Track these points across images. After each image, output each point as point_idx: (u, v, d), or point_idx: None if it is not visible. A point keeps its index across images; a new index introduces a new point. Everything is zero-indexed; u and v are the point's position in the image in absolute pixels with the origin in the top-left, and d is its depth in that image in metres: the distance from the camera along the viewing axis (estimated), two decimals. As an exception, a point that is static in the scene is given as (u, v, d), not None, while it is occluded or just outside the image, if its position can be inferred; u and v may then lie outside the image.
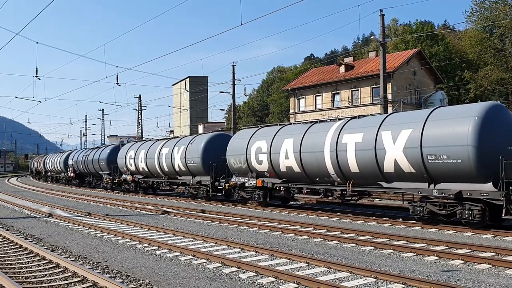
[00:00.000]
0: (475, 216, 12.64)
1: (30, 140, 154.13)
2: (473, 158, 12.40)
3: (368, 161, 15.01)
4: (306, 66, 74.75)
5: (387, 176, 14.77)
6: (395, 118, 15.19)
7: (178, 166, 25.33)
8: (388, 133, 14.53)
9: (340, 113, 38.33)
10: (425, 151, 13.39)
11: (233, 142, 21.53)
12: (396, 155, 14.17)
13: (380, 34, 26.84)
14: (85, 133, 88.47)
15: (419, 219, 14.23)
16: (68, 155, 48.04)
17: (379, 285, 7.49)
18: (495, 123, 12.79)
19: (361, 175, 15.58)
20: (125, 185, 32.28)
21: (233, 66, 39.59)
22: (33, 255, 10.39)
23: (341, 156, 15.87)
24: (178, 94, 77.89)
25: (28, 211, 20.70)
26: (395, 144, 14.21)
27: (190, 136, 27.14)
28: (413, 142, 13.72)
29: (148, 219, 17.05)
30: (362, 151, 15.20)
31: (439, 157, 13.12)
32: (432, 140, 13.32)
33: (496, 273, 8.34)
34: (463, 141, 12.58)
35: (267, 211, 18.80)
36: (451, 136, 12.93)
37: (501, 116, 13.10)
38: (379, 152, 14.62)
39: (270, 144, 19.02)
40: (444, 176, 13.27)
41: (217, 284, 7.73)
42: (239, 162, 20.62)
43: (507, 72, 44.70)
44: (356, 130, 15.79)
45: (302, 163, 17.46)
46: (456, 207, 13.08)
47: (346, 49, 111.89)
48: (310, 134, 17.54)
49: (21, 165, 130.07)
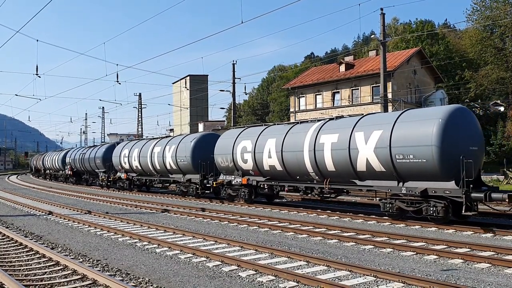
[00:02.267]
0: (439, 212, 13.35)
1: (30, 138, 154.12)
2: (436, 157, 13.10)
3: (343, 160, 15.77)
4: (306, 64, 74.74)
5: (360, 174, 15.48)
6: (368, 120, 15.88)
7: (169, 165, 26.17)
8: (361, 134, 15.25)
9: (341, 112, 38.32)
10: (394, 151, 14.11)
11: (221, 142, 22.31)
12: (368, 155, 14.90)
13: (381, 33, 26.82)
14: (85, 131, 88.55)
15: (389, 215, 14.99)
16: (66, 154, 48.94)
17: (378, 284, 7.50)
18: (458, 125, 13.49)
19: (337, 174, 16.29)
20: (120, 183, 33.14)
21: (234, 65, 39.60)
22: (33, 252, 10.39)
23: (319, 156, 16.64)
24: (178, 93, 77.83)
25: (28, 209, 20.71)
26: (367, 144, 14.93)
27: (180, 136, 27.94)
28: (383, 142, 14.44)
29: (148, 217, 17.06)
30: (337, 150, 15.99)
31: (406, 157, 13.85)
32: (400, 140, 14.04)
33: (496, 272, 8.35)
34: (428, 141, 13.26)
35: (267, 210, 18.81)
36: (417, 137, 13.63)
37: (464, 119, 13.84)
38: (353, 152, 15.38)
39: (254, 143, 19.82)
40: (411, 174, 13.97)
41: (217, 282, 7.74)
42: (226, 161, 21.41)
43: (507, 71, 44.69)
44: (332, 131, 16.57)
45: (283, 162, 18.26)
46: (422, 204, 13.81)
47: (346, 48, 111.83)
48: (291, 135, 18.33)
49: (21, 163, 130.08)
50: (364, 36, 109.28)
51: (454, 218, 13.81)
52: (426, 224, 13.79)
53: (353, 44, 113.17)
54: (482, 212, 15.30)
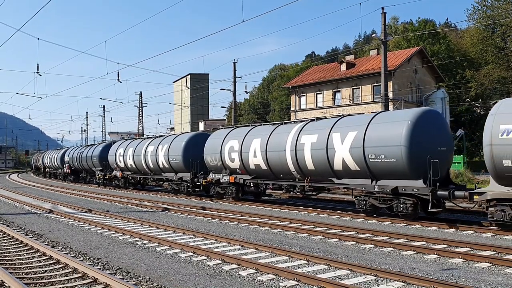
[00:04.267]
0: (408, 209, 14.14)
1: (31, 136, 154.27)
2: (405, 157, 13.86)
3: (322, 160, 16.54)
4: (307, 63, 74.65)
5: (337, 173, 16.27)
6: (344, 121, 16.66)
7: (162, 163, 26.90)
8: (338, 134, 16.05)
9: (341, 111, 38.32)
10: (367, 151, 14.89)
11: (210, 141, 23.03)
12: (343, 155, 15.70)
13: (382, 32, 26.79)
14: (86, 129, 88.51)
15: (364, 212, 15.80)
16: (64, 152, 49.95)
17: (379, 283, 7.50)
18: (427, 127, 14.27)
19: (316, 172, 17.08)
20: (116, 181, 33.99)
21: (234, 64, 39.54)
22: (34, 251, 10.40)
23: (300, 155, 17.42)
24: (179, 91, 77.84)
25: (28, 207, 20.72)
26: (343, 144, 15.73)
27: (173, 135, 28.77)
28: (357, 142, 15.22)
29: (148, 216, 17.07)
30: (316, 150, 16.73)
31: (378, 157, 14.62)
32: (373, 141, 14.80)
33: (496, 271, 8.34)
34: (397, 142, 14.02)
35: (267, 209, 18.82)
36: (387, 138, 14.41)
37: (433, 121, 14.59)
38: (330, 152, 16.17)
39: (241, 143, 20.56)
40: (383, 173, 14.75)
41: (217, 281, 7.74)
42: (215, 160, 22.18)
43: (508, 70, 44.60)
44: (312, 132, 17.32)
45: (268, 161, 19.07)
46: (393, 201, 14.60)
47: (347, 47, 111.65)
48: (275, 135, 19.12)
49: (22, 161, 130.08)
50: (365, 35, 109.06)
51: (425, 215, 14.65)
52: (427, 224, 13.79)
53: (354, 43, 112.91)
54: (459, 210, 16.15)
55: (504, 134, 11.97)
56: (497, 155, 12.06)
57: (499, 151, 12.00)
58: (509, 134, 11.87)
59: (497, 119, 12.29)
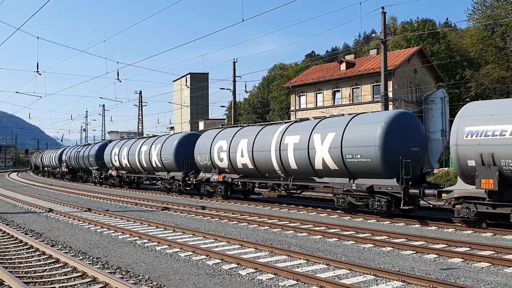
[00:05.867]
0: (383, 206, 14.89)
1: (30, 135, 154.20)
2: (379, 157, 14.61)
3: (303, 159, 17.28)
4: (307, 63, 74.60)
5: (318, 172, 17.01)
6: (325, 123, 17.43)
7: (155, 163, 27.69)
8: (318, 135, 16.77)
9: (341, 111, 38.32)
10: (345, 151, 15.64)
11: (200, 141, 23.85)
12: (323, 155, 16.43)
13: (382, 31, 26.79)
14: (86, 128, 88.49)
15: (342, 209, 16.57)
16: (62, 151, 50.78)
17: (378, 282, 7.50)
18: (400, 128, 15.03)
19: (299, 171, 17.83)
20: (111, 180, 34.75)
21: (234, 63, 39.55)
22: (33, 250, 10.41)
23: (283, 155, 18.20)
24: (179, 91, 77.77)
25: (28, 206, 20.72)
26: (323, 145, 16.44)
27: (165, 135, 29.65)
28: (336, 143, 15.97)
29: (148, 215, 17.07)
30: (299, 150, 17.47)
31: (355, 156, 15.37)
32: (350, 141, 15.55)
33: (496, 271, 8.35)
34: (372, 142, 14.77)
35: (267, 208, 18.83)
36: (363, 138, 15.14)
37: (406, 122, 15.44)
38: (311, 152, 16.90)
39: (229, 143, 21.34)
40: (360, 172, 15.49)
41: (216, 280, 7.74)
42: (205, 160, 23.00)
43: (508, 70, 44.60)
44: (295, 133, 18.05)
45: (254, 161, 19.84)
46: (369, 199, 15.35)
47: (347, 46, 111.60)
48: (261, 136, 19.88)
49: (21, 160, 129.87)
50: (365, 34, 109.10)
51: (401, 212, 15.42)
52: (426, 223, 13.80)
53: (354, 42, 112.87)
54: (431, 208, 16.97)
55: (468, 135, 12.60)
56: (462, 155, 12.71)
57: (464, 151, 12.66)
58: (473, 136, 12.49)
59: (462, 121, 12.94)
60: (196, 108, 74.27)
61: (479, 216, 12.74)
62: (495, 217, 12.91)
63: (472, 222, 12.89)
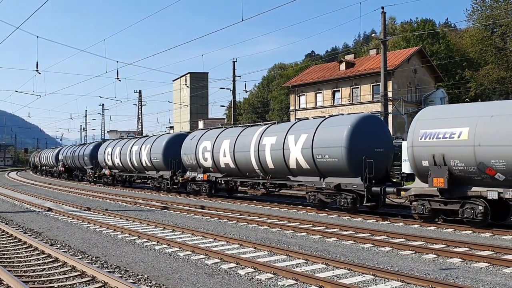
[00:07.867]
0: (349, 203, 15.91)
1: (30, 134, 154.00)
2: (345, 157, 15.65)
3: (279, 159, 18.28)
4: (307, 63, 74.62)
5: (293, 171, 17.97)
6: (299, 125, 18.58)
7: (145, 162, 28.65)
8: (292, 136, 17.73)
9: (341, 111, 38.35)
10: (315, 151, 16.63)
11: (187, 142, 24.80)
12: (297, 155, 17.40)
13: (381, 31, 26.79)
14: (85, 128, 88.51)
15: (313, 206, 17.50)
16: (59, 151, 51.70)
17: (377, 282, 7.50)
18: (365, 130, 16.06)
19: (276, 171, 18.86)
20: (105, 179, 35.75)
21: (234, 63, 39.58)
22: (32, 249, 10.40)
23: (262, 155, 19.18)
24: (178, 90, 77.78)
25: (27, 205, 20.72)
26: (296, 145, 17.42)
27: (155, 136, 30.52)
28: (307, 144, 16.93)
29: (147, 214, 17.07)
30: (275, 151, 18.48)
31: (324, 157, 16.35)
32: (320, 142, 16.54)
33: (495, 271, 8.35)
34: (339, 143, 15.80)
35: (266, 208, 18.84)
36: (331, 139, 16.17)
37: (371, 125, 16.52)
38: (286, 152, 17.89)
39: (213, 144, 22.32)
40: (329, 171, 16.49)
41: (215, 280, 7.74)
42: (191, 159, 23.97)
43: (507, 71, 44.58)
44: (272, 134, 19.04)
45: (235, 161, 20.78)
46: (337, 196, 16.34)
47: (347, 46, 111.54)
48: (241, 137, 20.83)
49: (21, 159, 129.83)
50: (364, 34, 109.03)
51: (367, 209, 16.45)
52: (426, 224, 13.81)
53: (354, 42, 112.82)
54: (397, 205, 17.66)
55: (422, 137, 13.48)
56: (417, 156, 13.63)
57: (419, 152, 13.57)
58: (427, 138, 13.37)
59: (418, 124, 13.83)
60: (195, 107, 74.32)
61: (432, 212, 13.70)
62: (448, 213, 13.58)
63: (427, 217, 13.82)
